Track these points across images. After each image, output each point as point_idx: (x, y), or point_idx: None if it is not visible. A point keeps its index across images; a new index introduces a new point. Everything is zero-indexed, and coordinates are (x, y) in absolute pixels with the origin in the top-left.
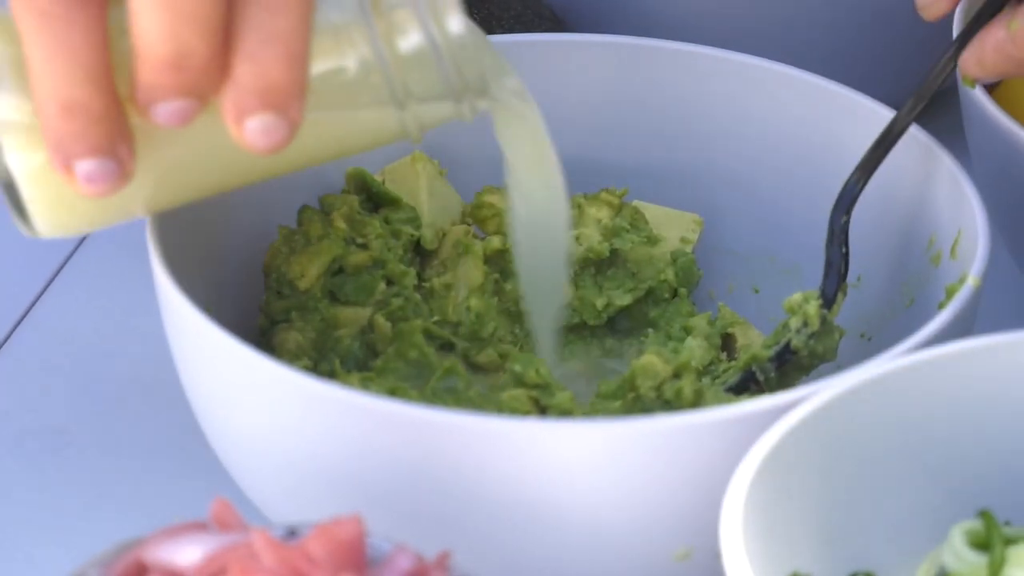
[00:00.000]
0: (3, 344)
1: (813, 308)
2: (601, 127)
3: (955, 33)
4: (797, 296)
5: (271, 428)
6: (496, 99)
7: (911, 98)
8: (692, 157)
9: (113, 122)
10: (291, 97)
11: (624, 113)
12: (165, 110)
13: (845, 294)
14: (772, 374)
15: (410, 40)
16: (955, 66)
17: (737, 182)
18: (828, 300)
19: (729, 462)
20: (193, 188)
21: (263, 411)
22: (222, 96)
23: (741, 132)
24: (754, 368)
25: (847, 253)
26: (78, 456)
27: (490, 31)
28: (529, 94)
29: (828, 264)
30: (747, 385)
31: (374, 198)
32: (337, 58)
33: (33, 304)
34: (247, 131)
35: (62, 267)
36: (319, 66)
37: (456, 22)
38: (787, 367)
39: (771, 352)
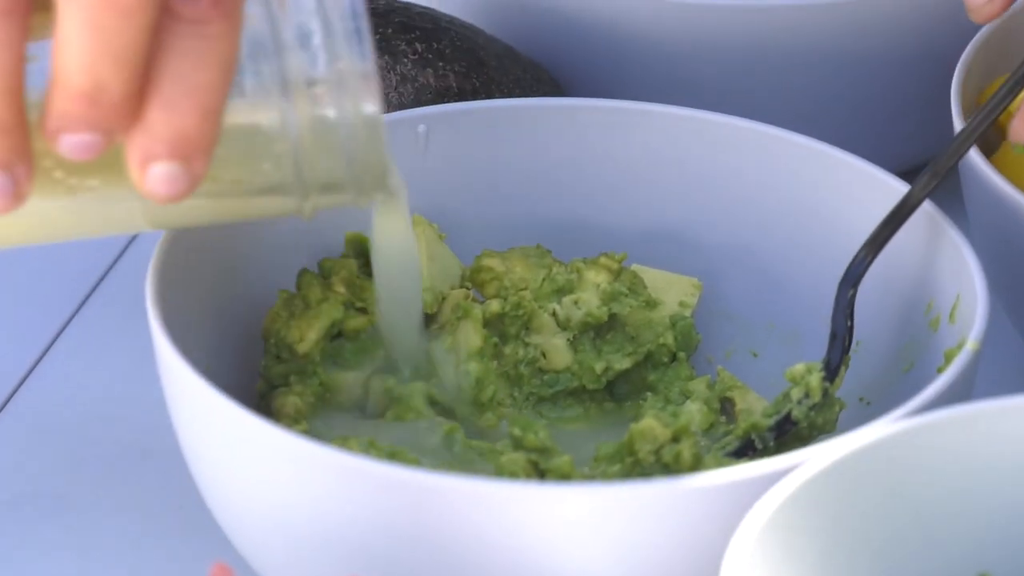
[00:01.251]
0: (2, 408)
1: (816, 380)
2: (600, 191)
3: (954, 114)
4: (800, 367)
5: (270, 492)
6: (391, 194)
7: (926, 174)
8: (691, 221)
9: (16, 141)
10: (199, 150)
11: (623, 177)
12: (71, 141)
13: (847, 366)
14: (771, 443)
15: (323, 122)
16: (972, 143)
17: (737, 247)
18: (831, 372)
19: (728, 526)
20: (71, 230)
21: (262, 475)
22: (129, 139)
23: (741, 197)
24: (753, 436)
25: (852, 326)
26: (76, 521)
27: (489, 95)
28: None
29: (833, 336)
30: (745, 453)
31: None
32: (248, 121)
33: (32, 368)
34: (149, 177)
35: (61, 331)
36: (229, 126)
37: (372, 108)
38: (786, 437)
39: (771, 421)
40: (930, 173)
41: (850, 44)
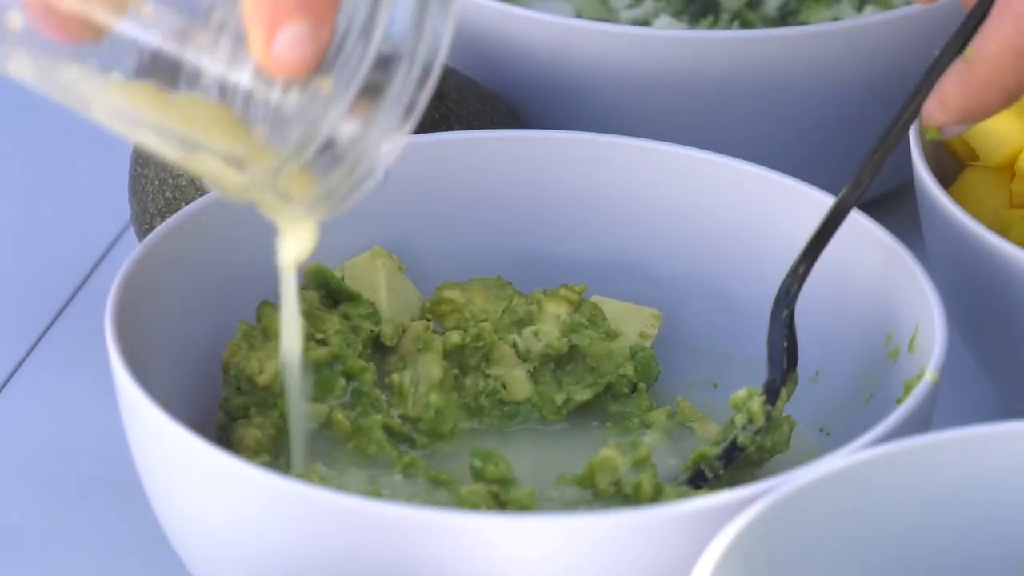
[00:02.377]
0: None
1: (756, 404)
2: (560, 222)
3: (912, 143)
4: (741, 392)
5: (230, 524)
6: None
7: (848, 184)
8: (650, 252)
9: None
10: (324, 14)
11: (582, 208)
12: None
13: (795, 384)
14: (721, 471)
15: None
16: (892, 148)
17: (695, 278)
18: (772, 395)
19: (689, 557)
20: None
21: (222, 507)
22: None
23: (698, 227)
24: (702, 466)
25: (793, 345)
26: (35, 555)
27: (449, 127)
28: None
29: (771, 359)
30: (697, 483)
31: (333, 294)
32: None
33: None
34: (277, 42)
35: (22, 362)
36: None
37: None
38: (737, 463)
39: (718, 450)
40: (852, 183)
41: (808, 75)
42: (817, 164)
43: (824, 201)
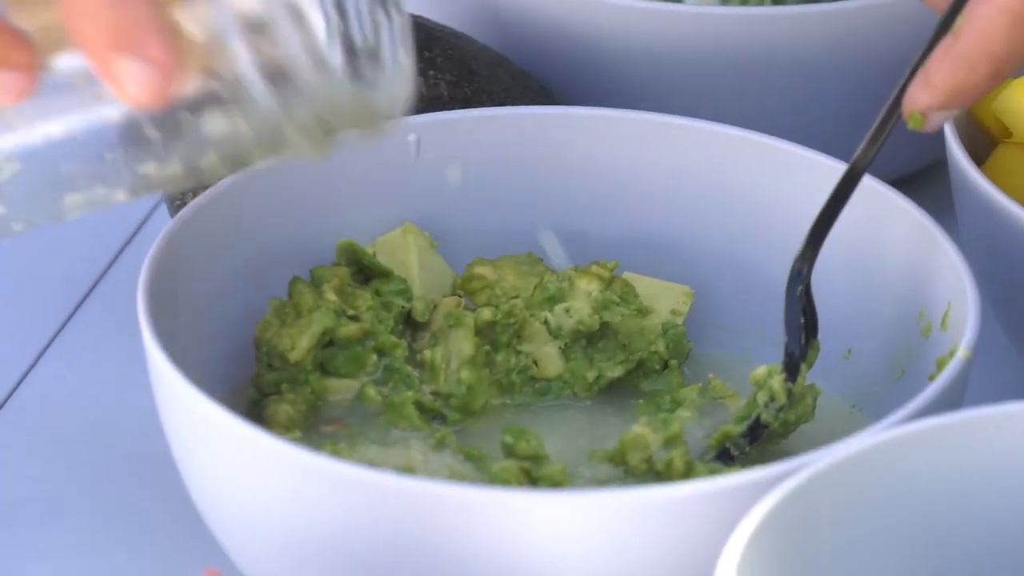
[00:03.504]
0: None
1: (778, 382)
2: (591, 199)
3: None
4: (761, 370)
5: (261, 499)
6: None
7: (863, 143)
8: (682, 229)
9: None
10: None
11: (614, 185)
12: None
13: (817, 352)
14: (746, 449)
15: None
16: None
17: (727, 255)
18: (792, 371)
19: (721, 533)
20: None
21: (253, 483)
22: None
23: (731, 204)
24: (728, 445)
25: (812, 315)
26: (69, 527)
27: (480, 104)
28: None
29: (789, 334)
30: (723, 461)
31: (365, 270)
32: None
33: (26, 374)
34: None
35: (55, 337)
36: None
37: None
38: (760, 439)
39: (742, 428)
40: (867, 142)
41: (839, 52)
42: (851, 142)
43: (868, 184)
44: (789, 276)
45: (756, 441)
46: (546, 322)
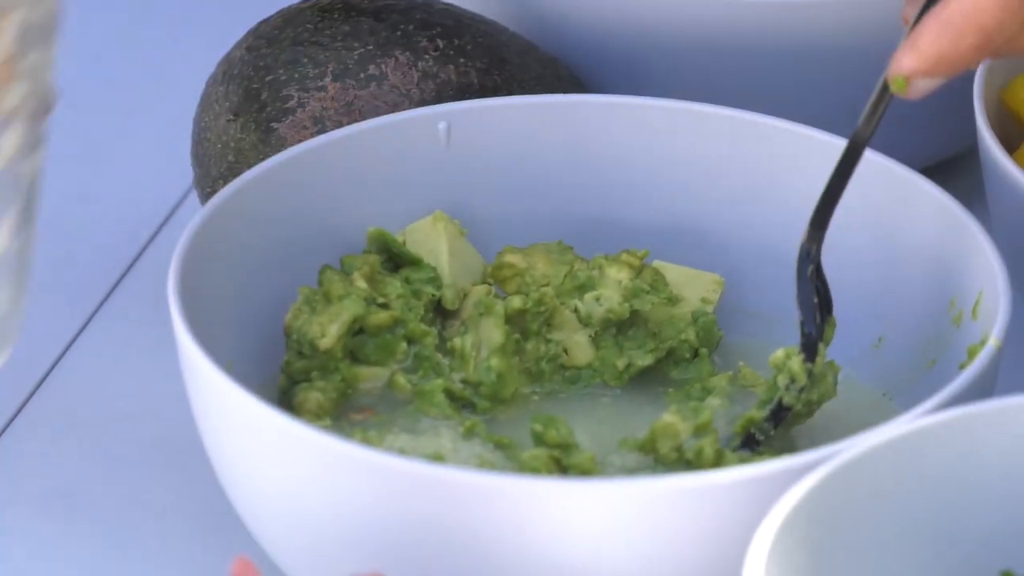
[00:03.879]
0: (24, 405)
1: (796, 364)
2: (622, 187)
3: (976, 111)
4: (779, 353)
5: (291, 488)
6: None
7: (865, 110)
8: (713, 217)
9: None
10: None
11: (644, 173)
12: None
13: (834, 328)
14: (771, 433)
15: None
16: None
17: (757, 243)
18: (811, 351)
19: (750, 522)
20: None
21: (283, 471)
22: None
23: (760, 193)
24: (752, 430)
25: (825, 293)
26: (100, 517)
27: (510, 91)
28: None
29: (803, 315)
30: (750, 447)
31: (395, 258)
32: None
33: (55, 364)
34: None
35: (84, 327)
36: None
37: None
38: (785, 421)
39: (765, 412)
40: (866, 115)
41: (871, 40)
42: (888, 131)
43: (891, 168)
44: (798, 257)
45: (780, 424)
46: (576, 310)
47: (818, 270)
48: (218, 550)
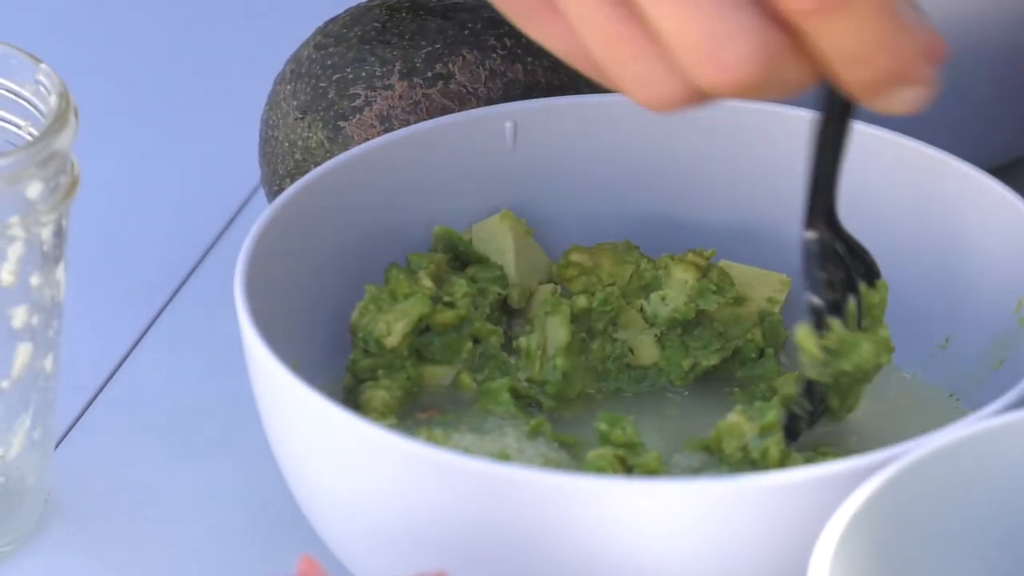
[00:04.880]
0: (94, 400)
1: (802, 335)
2: (688, 186)
3: None
4: (798, 329)
5: (356, 485)
6: None
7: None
8: (779, 218)
9: None
10: None
11: (711, 173)
12: None
13: (884, 292)
14: (807, 406)
15: None
16: None
17: None
18: (819, 323)
19: (816, 522)
20: None
21: (348, 469)
22: None
23: None
24: (791, 406)
25: (860, 251)
26: (166, 513)
27: (577, 90)
28: None
29: (807, 286)
30: (794, 424)
31: (461, 257)
32: None
33: (122, 362)
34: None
35: (152, 324)
36: None
37: None
38: (825, 393)
39: (799, 388)
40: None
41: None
42: (955, 130)
43: (958, 167)
44: (804, 250)
45: (817, 399)
46: (642, 310)
47: (838, 236)
48: (283, 548)
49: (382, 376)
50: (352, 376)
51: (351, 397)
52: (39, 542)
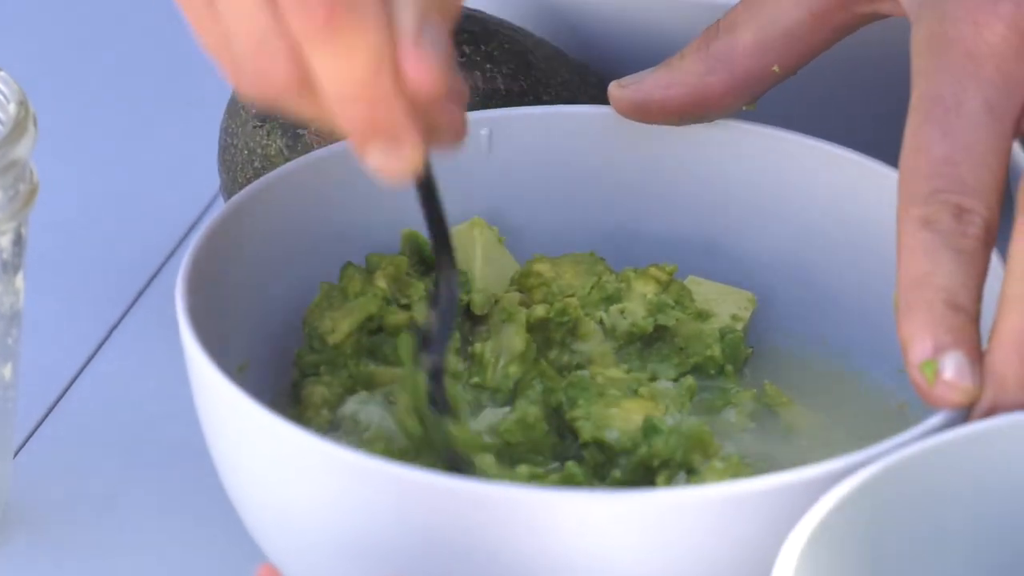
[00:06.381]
0: (52, 408)
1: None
2: (656, 201)
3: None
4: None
5: (291, 494)
6: None
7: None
8: (747, 235)
9: None
10: None
11: (680, 188)
12: None
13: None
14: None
15: None
16: None
17: (788, 262)
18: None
19: (776, 536)
20: None
21: (283, 477)
22: None
23: (790, 211)
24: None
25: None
26: (125, 522)
27: (537, 97)
28: None
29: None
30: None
31: (426, 261)
32: None
33: (81, 370)
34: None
35: (112, 331)
36: None
37: None
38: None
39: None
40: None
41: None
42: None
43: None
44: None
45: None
46: (601, 322)
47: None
48: (241, 558)
49: (324, 372)
50: (298, 371)
51: (295, 392)
52: None
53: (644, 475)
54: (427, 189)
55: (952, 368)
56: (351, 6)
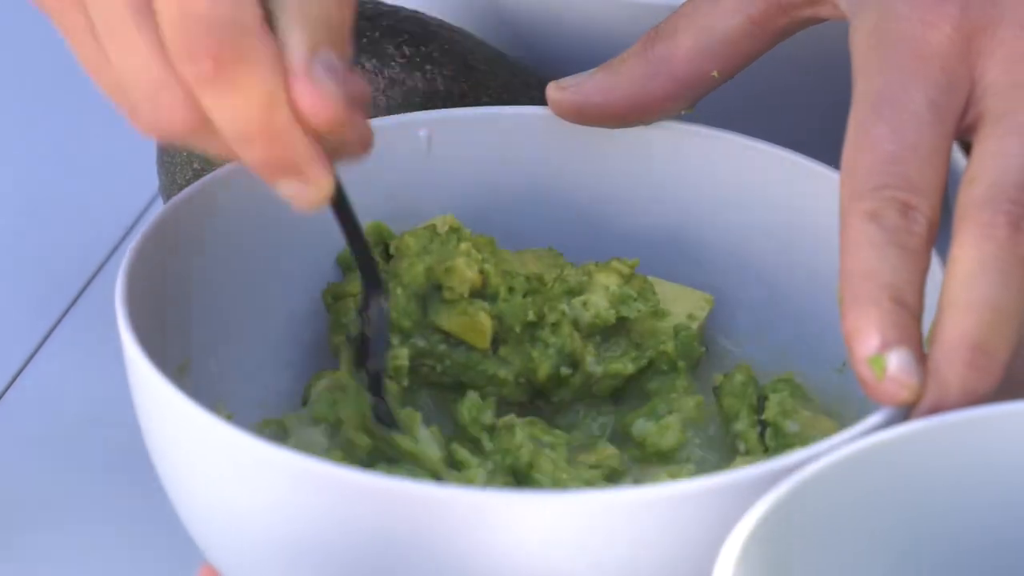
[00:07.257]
0: None
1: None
2: (609, 201)
3: None
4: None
5: (229, 496)
6: None
7: None
8: (704, 237)
9: None
10: None
11: (613, 186)
12: None
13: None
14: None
15: None
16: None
17: (749, 264)
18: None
19: (717, 537)
20: None
21: (224, 481)
22: None
23: (747, 214)
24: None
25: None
26: (62, 527)
27: (478, 99)
28: None
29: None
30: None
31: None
32: None
33: (19, 373)
34: None
35: (49, 334)
36: None
37: None
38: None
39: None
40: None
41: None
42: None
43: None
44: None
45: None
46: (563, 315)
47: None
48: (183, 560)
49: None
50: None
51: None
52: None
53: None
54: (339, 208)
55: (898, 364)
56: (238, 50)
